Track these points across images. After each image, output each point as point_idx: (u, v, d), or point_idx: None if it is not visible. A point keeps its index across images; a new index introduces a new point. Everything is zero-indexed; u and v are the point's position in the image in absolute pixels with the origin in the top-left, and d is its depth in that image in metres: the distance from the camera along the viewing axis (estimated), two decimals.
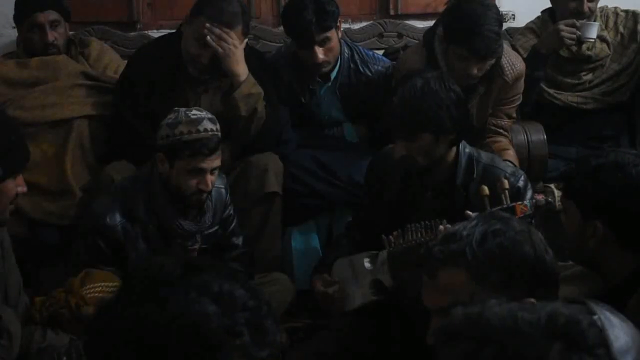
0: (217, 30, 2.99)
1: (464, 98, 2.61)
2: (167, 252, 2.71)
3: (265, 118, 3.11)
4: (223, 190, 2.87)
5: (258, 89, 3.08)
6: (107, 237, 2.67)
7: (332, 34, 3.26)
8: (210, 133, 2.63)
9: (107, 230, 2.66)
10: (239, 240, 2.98)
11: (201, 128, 2.61)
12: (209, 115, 2.68)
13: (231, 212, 2.94)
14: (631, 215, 1.89)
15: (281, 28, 3.61)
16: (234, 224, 2.96)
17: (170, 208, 2.70)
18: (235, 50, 3.01)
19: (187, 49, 3.07)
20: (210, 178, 2.66)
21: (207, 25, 2.98)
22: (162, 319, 1.09)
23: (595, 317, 1.11)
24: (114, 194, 2.76)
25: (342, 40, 3.41)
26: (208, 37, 2.98)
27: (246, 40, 3.12)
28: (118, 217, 2.67)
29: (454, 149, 2.62)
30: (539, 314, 1.08)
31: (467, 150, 2.65)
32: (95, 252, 2.67)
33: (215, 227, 2.86)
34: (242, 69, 3.05)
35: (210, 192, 2.72)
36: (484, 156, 2.68)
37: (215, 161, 2.66)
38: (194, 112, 2.66)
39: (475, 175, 2.61)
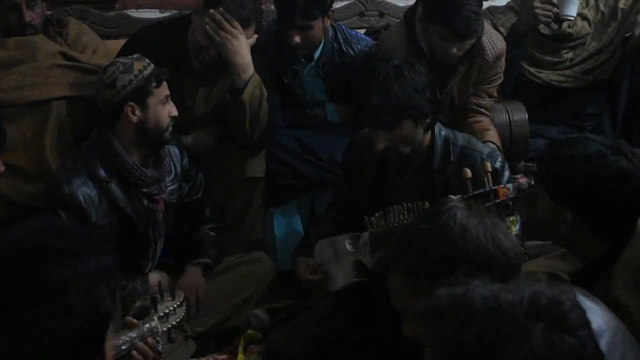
0: (227, 25, 2.89)
1: (433, 80, 2.60)
2: (133, 207, 2.79)
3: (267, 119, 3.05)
4: (176, 149, 2.96)
5: (263, 90, 3.01)
6: (68, 204, 2.71)
7: (316, 23, 3.19)
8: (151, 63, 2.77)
9: (67, 197, 2.71)
10: (207, 211, 3.04)
11: (146, 62, 2.76)
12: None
13: (188, 165, 2.98)
14: (599, 205, 1.96)
15: (265, 6, 3.59)
16: (199, 181, 3.02)
17: (130, 159, 2.76)
18: (236, 42, 2.91)
19: (197, 39, 2.97)
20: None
21: (211, 11, 2.89)
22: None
23: None
24: (72, 165, 2.82)
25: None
26: (207, 27, 2.89)
27: (254, 37, 3.00)
28: (75, 183, 2.73)
29: (429, 132, 2.61)
30: (522, 295, 1.09)
31: (442, 132, 2.64)
32: None
33: (178, 183, 2.93)
34: (243, 62, 2.94)
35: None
36: (461, 138, 2.68)
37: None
38: (126, 56, 2.79)
39: (452, 158, 2.61)
